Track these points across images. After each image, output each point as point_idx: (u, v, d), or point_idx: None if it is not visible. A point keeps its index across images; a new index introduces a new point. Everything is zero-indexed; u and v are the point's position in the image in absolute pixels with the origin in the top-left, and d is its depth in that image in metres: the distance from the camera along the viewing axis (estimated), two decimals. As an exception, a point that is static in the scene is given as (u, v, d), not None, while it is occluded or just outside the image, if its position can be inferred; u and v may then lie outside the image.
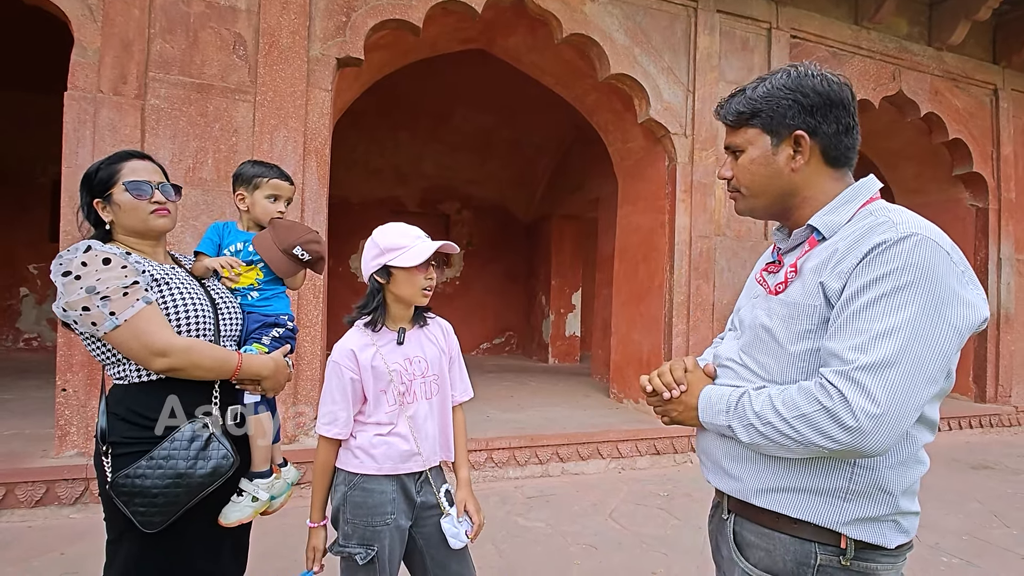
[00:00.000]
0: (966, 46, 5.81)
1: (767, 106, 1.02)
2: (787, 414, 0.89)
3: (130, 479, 1.20)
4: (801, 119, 1.00)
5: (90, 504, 3.03)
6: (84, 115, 3.09)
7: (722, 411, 0.99)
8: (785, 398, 0.91)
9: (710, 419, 1.02)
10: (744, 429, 0.95)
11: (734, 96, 1.07)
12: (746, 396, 0.97)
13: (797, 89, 1.00)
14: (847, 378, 0.84)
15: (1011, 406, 6.09)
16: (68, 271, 1.22)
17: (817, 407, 0.86)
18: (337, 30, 3.66)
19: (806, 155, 1.02)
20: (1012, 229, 6.16)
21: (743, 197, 1.10)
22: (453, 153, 9.18)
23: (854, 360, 0.84)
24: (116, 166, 1.36)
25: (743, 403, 0.97)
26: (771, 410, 0.92)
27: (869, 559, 0.94)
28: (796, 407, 0.89)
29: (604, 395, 5.83)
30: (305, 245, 1.61)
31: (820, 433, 0.86)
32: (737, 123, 1.07)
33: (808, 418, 0.87)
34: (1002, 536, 3.20)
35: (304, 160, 3.54)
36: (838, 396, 0.84)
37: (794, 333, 0.98)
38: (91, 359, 3.07)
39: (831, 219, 1.00)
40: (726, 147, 1.12)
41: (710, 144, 4.73)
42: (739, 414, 0.96)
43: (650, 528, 3.17)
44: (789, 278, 1.02)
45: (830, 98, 1.00)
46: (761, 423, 0.92)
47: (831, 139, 1.01)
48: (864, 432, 0.83)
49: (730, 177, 1.11)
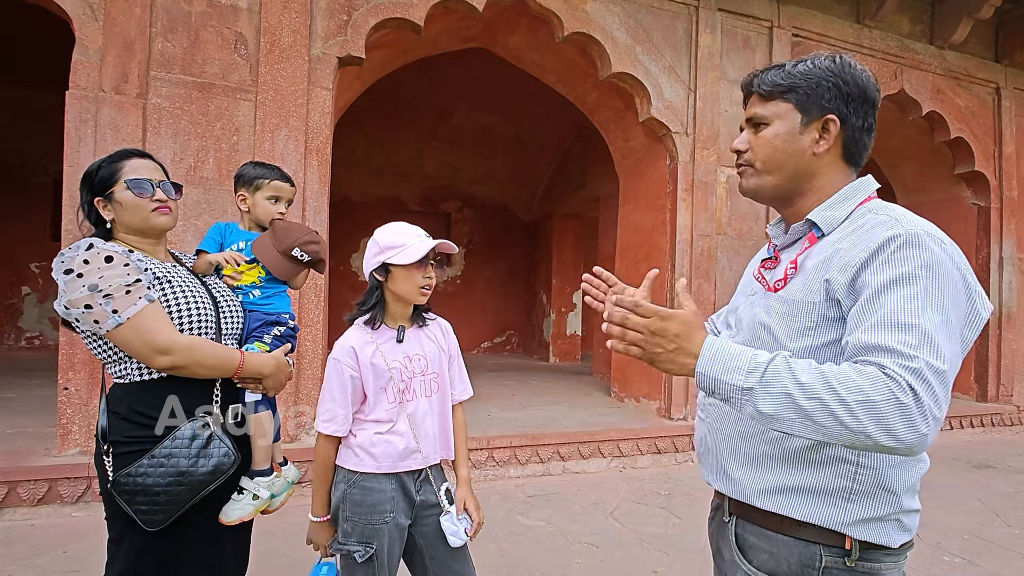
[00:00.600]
0: (968, 44, 5.79)
1: (806, 83, 1.00)
2: (848, 396, 0.77)
3: (132, 478, 1.20)
4: (836, 104, 1.00)
5: (92, 503, 3.04)
6: (86, 114, 3.10)
7: (741, 369, 0.83)
8: (841, 377, 0.79)
9: (718, 373, 0.84)
10: (771, 396, 0.81)
11: (771, 68, 1.05)
12: (781, 360, 0.83)
13: (840, 75, 1.00)
14: (920, 377, 0.77)
15: (1012, 405, 6.08)
16: (70, 269, 1.22)
17: (889, 398, 0.76)
18: (338, 29, 3.66)
19: (831, 141, 1.01)
20: (1014, 228, 6.14)
21: (755, 173, 1.07)
22: (454, 152, 9.18)
23: (919, 357, 0.78)
24: (117, 164, 1.36)
25: (778, 368, 0.82)
26: (823, 385, 0.79)
27: (873, 559, 0.93)
28: (862, 391, 0.77)
29: (605, 394, 5.83)
30: (304, 246, 1.62)
31: (883, 428, 0.76)
32: (770, 95, 1.04)
33: (875, 407, 0.76)
34: (1003, 535, 3.20)
35: (305, 159, 3.54)
36: (912, 394, 0.76)
37: (793, 330, 0.97)
38: (93, 358, 3.06)
39: (830, 214, 1.00)
40: (748, 119, 1.08)
41: (711, 143, 4.72)
42: (770, 379, 0.81)
43: (651, 527, 3.17)
44: (789, 275, 1.02)
45: (867, 94, 1.00)
46: (805, 396, 0.79)
47: (855, 133, 1.02)
48: (928, 438, 0.77)
49: (744, 150, 1.07)
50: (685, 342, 0.87)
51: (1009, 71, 6.07)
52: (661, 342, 0.87)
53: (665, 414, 4.66)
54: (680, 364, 0.88)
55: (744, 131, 1.09)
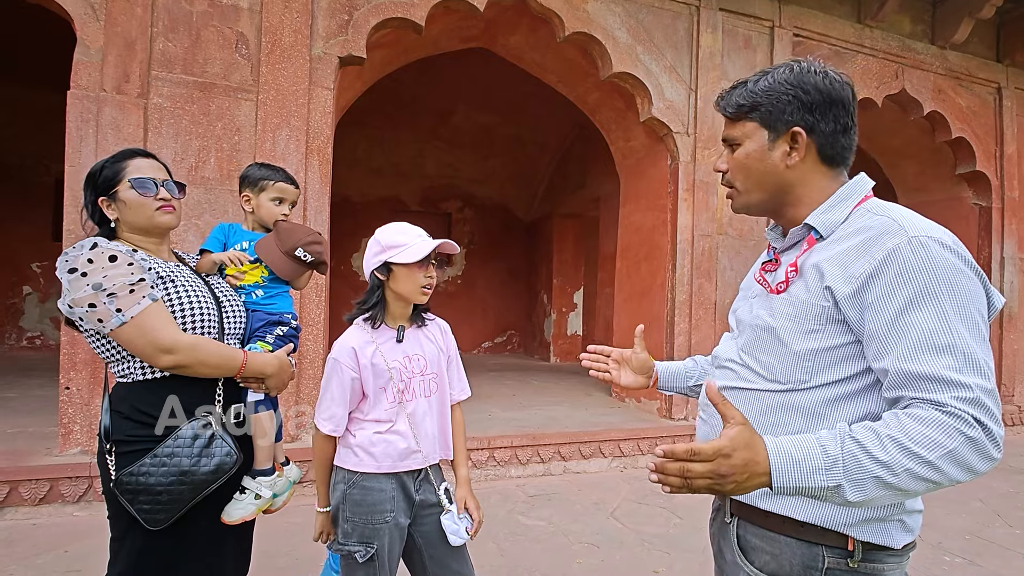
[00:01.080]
0: (969, 44, 5.78)
1: (767, 100, 1.00)
2: (929, 455, 0.77)
3: (134, 477, 1.21)
4: (800, 116, 0.99)
5: (93, 502, 3.04)
6: (87, 114, 3.10)
7: (819, 469, 0.79)
8: (914, 436, 0.78)
9: (798, 483, 0.79)
10: (859, 485, 0.78)
11: (735, 88, 1.06)
12: (852, 444, 0.80)
13: (798, 85, 0.99)
14: (979, 406, 0.79)
15: (1014, 405, 6.07)
16: (74, 268, 1.23)
17: (962, 440, 0.77)
18: (339, 28, 3.66)
19: (802, 152, 1.00)
20: (1016, 228, 6.14)
21: (738, 193, 1.09)
22: (454, 152, 9.19)
23: (969, 383, 0.80)
24: (121, 164, 1.37)
25: (853, 454, 0.79)
26: (904, 454, 0.78)
27: (876, 560, 0.93)
28: (938, 445, 0.77)
29: (606, 394, 5.83)
30: (307, 247, 1.63)
31: (965, 468, 0.78)
32: (736, 116, 1.05)
33: (954, 454, 0.77)
34: (1004, 535, 3.20)
35: (306, 159, 3.54)
36: (979, 425, 0.78)
37: (799, 332, 0.96)
38: (95, 357, 3.08)
39: (828, 217, 0.99)
40: (723, 140, 1.10)
41: (712, 143, 4.72)
42: (851, 468, 0.79)
43: (652, 527, 3.17)
44: (790, 277, 1.01)
45: (831, 96, 0.99)
46: (892, 473, 0.78)
47: (828, 138, 1.00)
48: (999, 460, 0.79)
49: (725, 170, 1.09)
50: (753, 467, 0.80)
51: (1011, 71, 6.07)
52: (732, 477, 0.79)
53: (666, 414, 4.66)
54: (754, 486, 0.81)
55: (724, 151, 1.10)
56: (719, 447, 0.78)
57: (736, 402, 1.05)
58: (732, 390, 1.08)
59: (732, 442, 0.79)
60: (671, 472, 0.79)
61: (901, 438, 0.78)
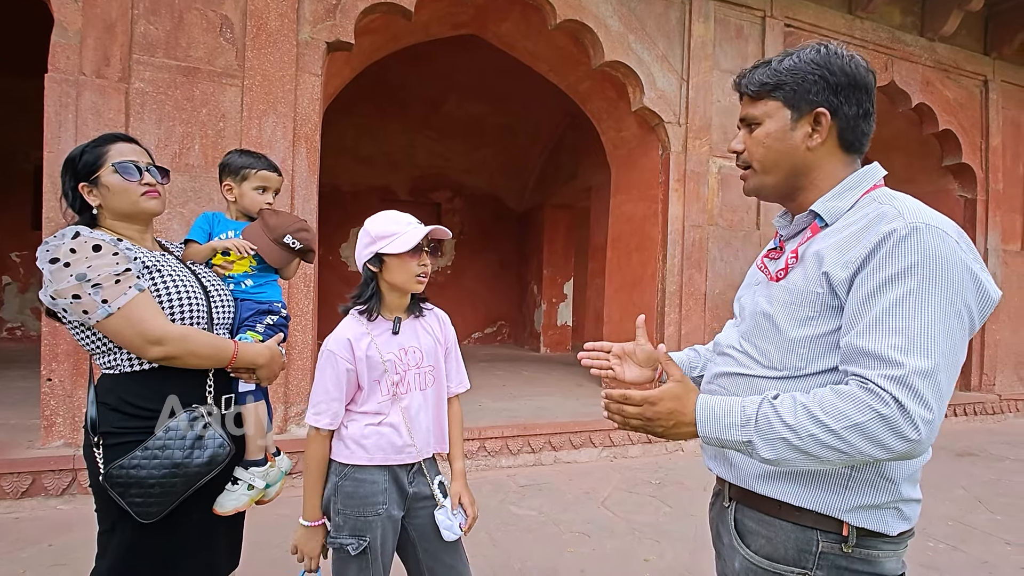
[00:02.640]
0: (958, 37, 5.82)
1: (792, 79, 0.99)
2: (835, 424, 0.81)
3: (125, 470, 1.18)
4: (824, 96, 0.98)
5: (78, 495, 3.00)
6: (66, 98, 3.01)
7: (735, 425, 0.88)
8: (826, 406, 0.83)
9: (717, 433, 0.90)
10: (769, 444, 0.85)
11: (758, 67, 1.04)
12: (767, 407, 0.87)
13: (825, 66, 0.98)
14: (903, 384, 0.79)
15: (995, 394, 6.20)
16: (56, 258, 1.18)
17: (872, 415, 0.80)
18: (327, 13, 3.58)
19: (824, 134, 0.99)
20: (999, 220, 6.23)
21: (753, 174, 1.07)
22: (445, 141, 9.11)
23: (904, 363, 0.80)
24: (102, 148, 1.32)
25: (765, 415, 0.86)
26: (811, 420, 0.83)
27: (871, 546, 0.93)
28: (845, 416, 0.81)
29: (596, 384, 5.85)
30: (295, 234, 1.60)
31: (876, 444, 0.80)
32: (758, 94, 1.03)
33: (862, 428, 0.80)
34: (986, 521, 3.27)
35: (294, 146, 3.48)
36: (895, 404, 0.79)
37: (795, 319, 0.97)
38: (77, 348, 3.02)
39: (833, 205, 0.99)
40: (742, 119, 1.07)
41: (704, 133, 4.72)
42: (763, 428, 0.86)
43: (642, 516, 3.19)
44: (790, 264, 1.01)
45: (856, 80, 0.98)
46: (798, 436, 0.83)
47: (850, 121, 0.99)
48: (921, 441, 0.79)
49: (741, 150, 1.07)
50: (679, 415, 0.93)
51: (997, 64, 6.12)
52: (659, 422, 0.94)
53: (656, 404, 4.68)
54: (681, 434, 0.94)
55: (741, 131, 1.08)
56: (647, 396, 0.93)
57: (735, 388, 1.07)
58: (732, 376, 1.08)
59: (661, 393, 0.93)
60: (612, 411, 0.98)
61: (812, 407, 0.84)
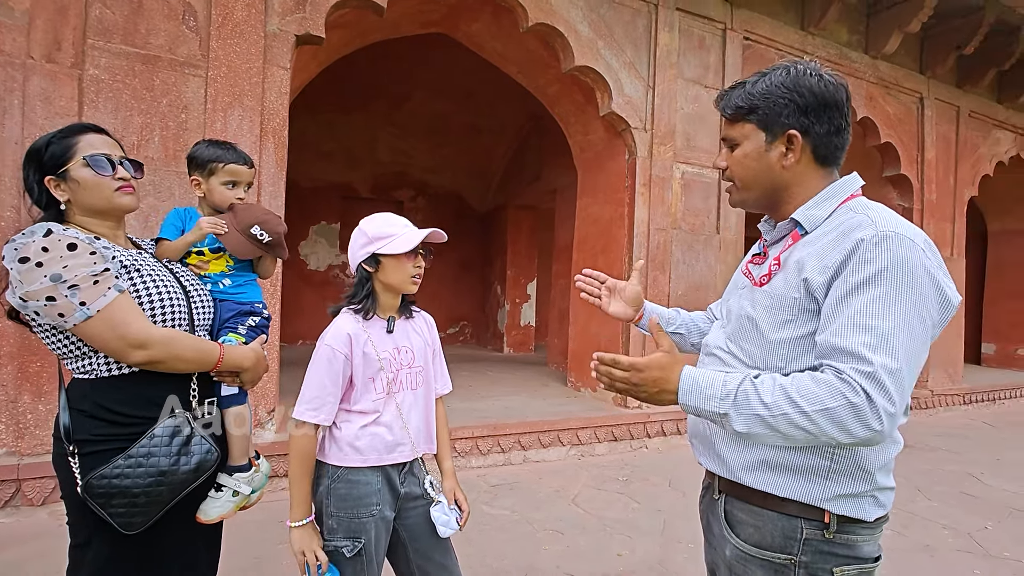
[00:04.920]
0: (897, 56, 6.23)
1: (764, 103, 1.05)
2: (807, 407, 0.88)
3: (107, 479, 1.12)
4: (795, 119, 1.04)
5: (21, 507, 2.81)
6: (11, 83, 2.81)
7: (715, 397, 0.94)
8: (802, 390, 0.89)
9: (697, 403, 0.96)
10: (743, 418, 0.92)
11: (734, 89, 1.10)
12: (748, 384, 0.93)
13: (794, 88, 1.03)
14: (873, 379, 0.86)
15: (927, 390, 6.66)
16: (25, 257, 1.11)
17: (842, 402, 0.87)
18: (297, 5, 3.49)
19: (797, 154, 1.06)
20: (932, 228, 6.70)
21: (736, 189, 1.15)
22: (408, 139, 9.00)
23: (873, 360, 0.87)
24: (71, 140, 1.24)
25: (745, 391, 0.93)
26: (786, 401, 0.90)
27: (850, 532, 1.01)
28: (819, 400, 0.88)
29: (562, 384, 5.93)
30: (264, 225, 1.51)
31: (841, 429, 0.87)
32: (735, 117, 1.10)
33: (832, 413, 0.87)
34: (925, 508, 3.52)
35: (261, 141, 3.37)
36: (864, 395, 0.86)
37: (775, 322, 1.04)
38: (21, 350, 2.82)
39: (813, 213, 1.06)
40: (723, 139, 1.15)
41: (668, 139, 4.86)
42: (740, 403, 0.92)
43: (612, 512, 3.27)
44: (773, 271, 1.08)
45: (825, 99, 1.04)
46: (771, 414, 0.90)
47: (822, 139, 1.06)
48: (883, 432, 0.87)
49: (725, 168, 1.15)
50: (663, 383, 0.99)
51: (932, 82, 6.58)
52: (643, 387, 1.00)
53: (622, 403, 4.79)
54: (664, 400, 1.01)
55: (723, 149, 1.16)
56: (634, 362, 1.00)
57: None
58: None
59: (648, 361, 1.00)
60: (601, 372, 1.04)
61: (789, 388, 0.91)
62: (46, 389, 2.87)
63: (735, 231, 5.25)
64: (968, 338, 8.37)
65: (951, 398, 6.89)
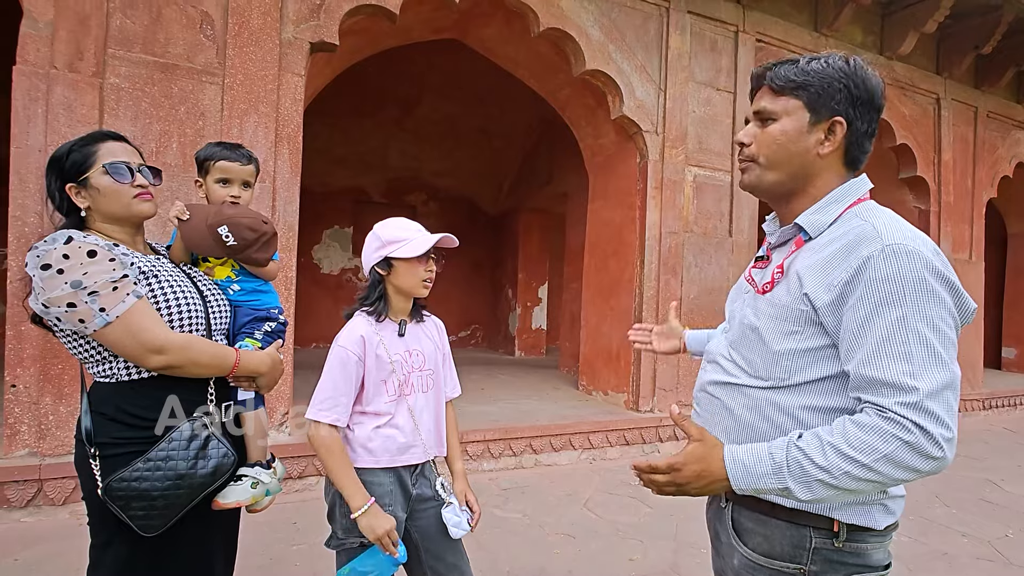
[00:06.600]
0: (913, 56, 6.15)
1: (819, 82, 1.00)
2: (865, 459, 0.85)
3: (126, 482, 1.14)
4: (844, 107, 1.00)
5: (43, 507, 2.87)
6: (36, 92, 2.88)
7: (768, 474, 0.90)
8: (852, 441, 0.86)
9: (754, 485, 0.91)
10: (806, 487, 0.88)
11: (784, 63, 1.05)
12: (796, 451, 0.89)
13: (851, 77, 1.00)
14: (920, 410, 0.84)
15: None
16: (48, 264, 1.14)
17: (897, 444, 0.84)
18: (311, 13, 3.54)
19: (835, 143, 1.02)
20: (950, 230, 6.60)
21: (756, 167, 1.07)
22: (420, 143, 9.06)
23: (917, 387, 0.85)
24: (91, 147, 1.27)
25: (797, 460, 0.89)
26: (842, 458, 0.86)
27: (860, 540, 0.99)
28: (873, 449, 0.85)
29: (573, 387, 5.92)
30: (234, 228, 1.39)
31: (906, 468, 0.85)
32: (782, 89, 1.03)
33: (891, 457, 0.84)
34: (944, 515, 3.46)
35: (276, 147, 3.42)
36: (917, 429, 0.84)
37: (779, 333, 1.01)
38: (44, 353, 2.89)
39: (817, 218, 1.02)
40: (756, 112, 1.07)
41: (680, 142, 4.85)
42: (796, 473, 0.88)
43: (624, 516, 3.26)
44: (776, 279, 1.05)
45: (874, 99, 1.01)
46: (832, 476, 0.87)
47: (859, 137, 1.03)
48: (946, 458, 0.85)
49: (748, 143, 1.07)
50: (708, 475, 0.95)
51: (948, 83, 6.49)
52: (690, 485, 0.96)
53: (633, 406, 4.78)
54: (718, 490, 0.97)
55: (750, 124, 1.08)
56: (672, 463, 0.95)
57: (724, 396, 1.10)
58: (721, 384, 1.12)
59: (685, 457, 0.95)
60: (644, 481, 0.99)
61: (841, 444, 0.87)
62: (67, 391, 2.94)
63: (748, 234, 5.21)
64: (987, 342, 8.23)
65: (971, 403, 6.77)
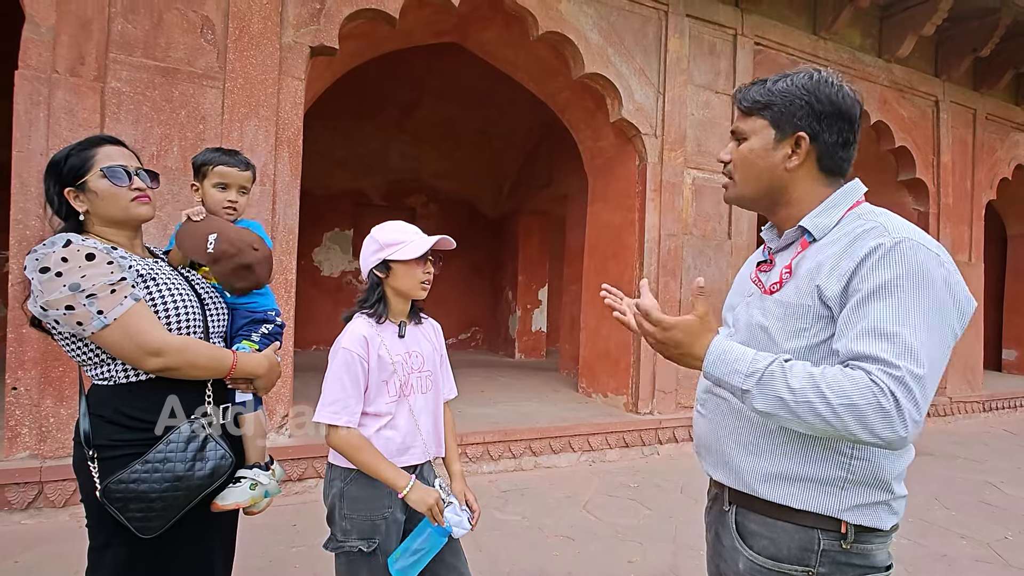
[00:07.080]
0: (911, 59, 6.17)
1: (781, 100, 1.05)
2: (834, 399, 0.86)
3: (124, 484, 1.15)
4: (807, 122, 1.05)
5: (44, 509, 2.87)
6: (37, 96, 2.90)
7: (741, 372, 0.94)
8: (831, 382, 0.88)
9: (721, 374, 0.96)
10: (764, 398, 0.91)
11: (755, 84, 1.10)
12: (778, 366, 0.92)
13: (813, 92, 1.04)
14: (902, 384, 0.85)
15: (946, 397, 6.55)
16: (46, 267, 1.15)
17: (872, 402, 0.85)
18: (311, 17, 3.56)
19: (802, 157, 1.06)
20: (949, 232, 6.61)
21: (733, 184, 1.14)
22: (419, 145, 9.08)
23: (900, 365, 0.86)
24: (89, 151, 1.28)
25: (772, 372, 0.92)
26: (813, 389, 0.88)
27: (866, 541, 1.00)
28: (847, 395, 0.86)
29: (573, 389, 5.92)
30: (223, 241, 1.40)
31: (864, 427, 0.85)
32: (749, 110, 1.10)
33: (858, 410, 0.85)
34: (943, 517, 3.46)
35: (276, 151, 3.44)
36: (894, 399, 0.85)
37: (788, 331, 1.02)
38: (45, 356, 2.90)
39: (820, 221, 1.06)
40: (732, 132, 1.14)
41: (679, 145, 4.86)
42: (765, 384, 0.91)
43: (623, 518, 3.26)
44: (784, 279, 1.07)
45: (840, 110, 1.05)
46: (795, 399, 0.89)
47: (829, 148, 1.07)
48: (907, 438, 0.86)
49: (728, 161, 1.14)
50: (688, 348, 1.01)
51: (947, 85, 6.51)
52: (667, 346, 1.03)
53: (632, 408, 4.78)
54: (686, 363, 1.03)
55: (730, 143, 1.15)
56: (661, 319, 1.01)
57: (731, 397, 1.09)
58: None
59: (678, 323, 1.00)
60: (637, 320, 1.06)
61: (818, 378, 0.89)
62: (68, 394, 2.95)
63: (747, 237, 5.22)
64: (988, 344, 8.23)
65: (970, 405, 6.76)
